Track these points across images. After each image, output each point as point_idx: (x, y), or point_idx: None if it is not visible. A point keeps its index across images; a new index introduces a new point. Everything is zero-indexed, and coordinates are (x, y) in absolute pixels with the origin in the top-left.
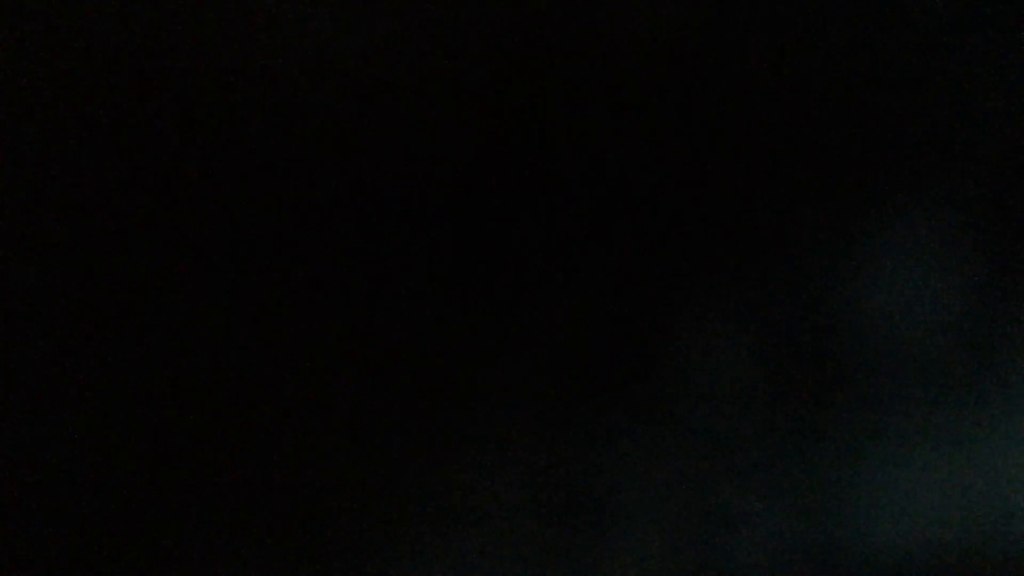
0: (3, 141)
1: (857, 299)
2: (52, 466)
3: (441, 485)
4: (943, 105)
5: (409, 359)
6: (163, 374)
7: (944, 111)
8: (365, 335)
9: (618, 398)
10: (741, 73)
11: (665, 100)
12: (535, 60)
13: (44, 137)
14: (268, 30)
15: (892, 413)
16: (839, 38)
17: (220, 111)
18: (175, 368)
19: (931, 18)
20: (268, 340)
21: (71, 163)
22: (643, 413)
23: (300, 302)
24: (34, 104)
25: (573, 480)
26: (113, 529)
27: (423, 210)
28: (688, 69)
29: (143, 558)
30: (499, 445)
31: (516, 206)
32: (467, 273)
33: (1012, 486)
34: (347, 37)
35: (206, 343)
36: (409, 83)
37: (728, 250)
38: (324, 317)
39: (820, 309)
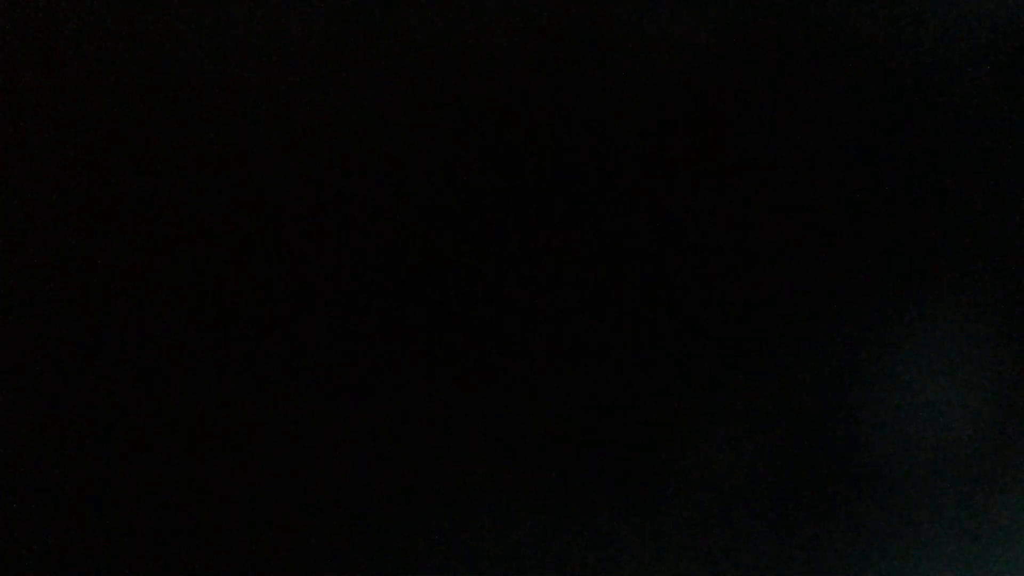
0: (3, 141)
1: (866, 391)
2: (52, 466)
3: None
4: (963, 186)
5: (395, 443)
6: (162, 376)
7: (963, 192)
8: (371, 378)
9: (619, 488)
10: (748, 127)
11: (674, 168)
12: (539, 109)
13: (44, 137)
14: (267, 31)
15: (903, 509)
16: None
17: (220, 111)
18: (174, 369)
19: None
20: (271, 358)
21: (71, 163)
22: (644, 503)
23: (301, 320)
24: (34, 104)
25: (571, 567)
26: (113, 529)
27: (424, 278)
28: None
29: (143, 558)
30: (495, 532)
31: (525, 279)
32: (469, 356)
33: None
34: (348, 40)
35: (206, 351)
36: (408, 100)
37: (734, 343)
38: (319, 379)
39: (828, 400)
